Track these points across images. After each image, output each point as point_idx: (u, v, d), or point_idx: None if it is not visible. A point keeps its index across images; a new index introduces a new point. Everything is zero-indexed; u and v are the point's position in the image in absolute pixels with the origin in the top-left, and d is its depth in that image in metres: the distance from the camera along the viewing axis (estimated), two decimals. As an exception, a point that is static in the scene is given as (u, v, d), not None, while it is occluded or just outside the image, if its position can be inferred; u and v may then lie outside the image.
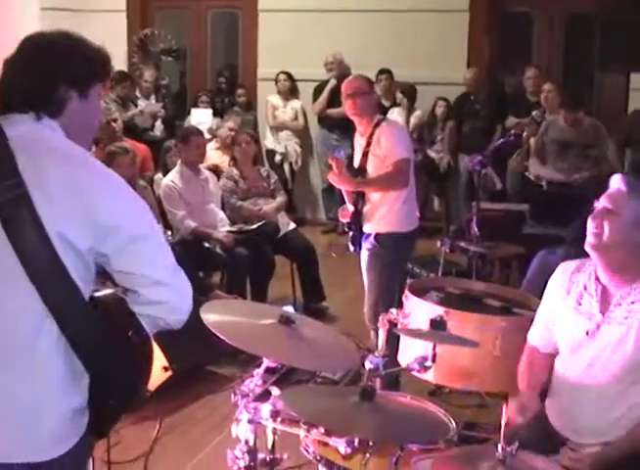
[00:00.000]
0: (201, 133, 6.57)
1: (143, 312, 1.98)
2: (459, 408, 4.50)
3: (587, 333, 2.80)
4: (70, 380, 1.94)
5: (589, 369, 2.78)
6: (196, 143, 6.28)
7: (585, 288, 2.86)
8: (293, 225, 6.78)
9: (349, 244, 4.90)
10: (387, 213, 4.71)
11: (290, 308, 4.24)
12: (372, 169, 4.74)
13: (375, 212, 4.73)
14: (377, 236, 4.72)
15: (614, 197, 2.74)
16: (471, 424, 4.39)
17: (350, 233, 4.86)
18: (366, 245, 4.78)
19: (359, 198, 4.79)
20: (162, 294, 1.99)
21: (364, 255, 4.84)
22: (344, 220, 4.91)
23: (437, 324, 2.65)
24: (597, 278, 2.84)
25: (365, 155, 4.76)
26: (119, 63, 9.50)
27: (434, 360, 2.66)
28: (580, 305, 2.85)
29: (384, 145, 4.66)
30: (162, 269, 1.99)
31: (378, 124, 4.75)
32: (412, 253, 5.09)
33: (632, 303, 2.73)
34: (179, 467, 4.03)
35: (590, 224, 2.77)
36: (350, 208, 4.83)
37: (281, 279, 6.75)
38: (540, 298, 3.09)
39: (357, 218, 4.78)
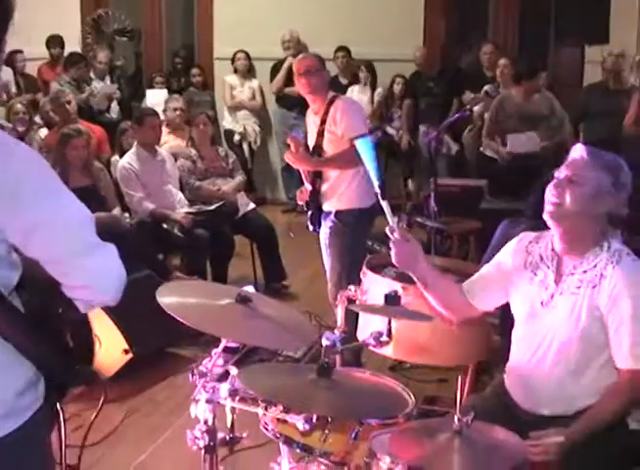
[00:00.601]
0: (156, 114, 6.51)
1: (71, 296, 1.94)
2: (420, 383, 4.53)
3: (542, 303, 2.82)
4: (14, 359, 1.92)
5: (546, 340, 2.81)
6: (151, 124, 6.24)
7: (541, 258, 2.88)
8: (252, 205, 6.76)
9: (309, 223, 4.89)
10: (346, 190, 4.70)
11: (250, 288, 4.25)
12: (328, 147, 4.72)
13: (334, 190, 4.73)
14: (337, 213, 4.72)
15: (576, 166, 2.74)
16: (431, 398, 4.43)
17: (309, 212, 4.86)
18: (327, 223, 4.77)
19: (317, 177, 4.77)
20: (82, 278, 1.94)
21: (324, 234, 4.84)
22: (305, 200, 4.88)
23: (391, 299, 2.65)
24: (553, 249, 2.86)
25: (321, 133, 4.74)
26: (73, 44, 9.40)
27: (389, 335, 2.67)
28: (536, 275, 2.87)
29: (340, 121, 4.64)
30: (77, 253, 1.92)
31: (332, 102, 4.73)
32: (372, 228, 5.09)
33: (584, 272, 2.75)
34: (141, 449, 4.02)
35: (550, 193, 2.77)
36: (309, 187, 4.81)
37: (241, 259, 6.75)
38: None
39: (316, 197, 4.78)
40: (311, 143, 4.82)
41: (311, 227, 4.87)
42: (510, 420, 2.61)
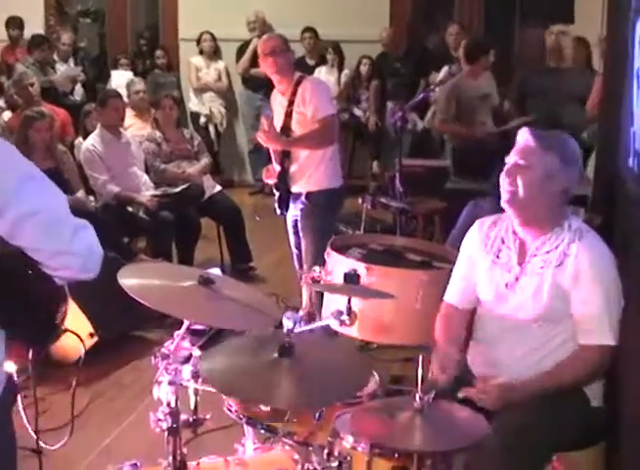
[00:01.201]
0: (119, 96, 6.46)
1: (53, 274, 1.97)
2: (387, 363, 4.54)
3: (507, 285, 2.84)
4: None
5: (510, 320, 2.83)
6: (114, 105, 6.18)
7: (503, 241, 2.89)
8: (218, 188, 6.73)
9: (276, 206, 4.86)
10: (315, 171, 4.69)
11: (216, 271, 4.24)
12: (297, 128, 4.70)
13: (303, 172, 4.71)
14: (308, 195, 4.70)
15: (524, 151, 2.76)
16: (398, 378, 4.45)
17: (277, 195, 4.83)
18: (297, 206, 4.75)
19: (285, 157, 4.75)
20: (65, 261, 1.97)
21: (292, 217, 4.82)
22: (271, 182, 4.86)
23: (351, 278, 2.66)
24: (514, 231, 2.88)
25: (289, 114, 4.71)
26: (37, 26, 9.27)
27: (349, 314, 2.68)
28: (499, 258, 2.88)
29: (309, 102, 4.63)
30: (60, 240, 1.95)
31: (299, 82, 4.71)
32: (341, 209, 5.09)
33: (547, 252, 2.77)
34: (107, 433, 4.01)
35: (504, 181, 2.80)
36: (277, 167, 4.79)
37: (208, 242, 6.73)
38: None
39: (284, 178, 4.75)
40: (278, 124, 4.79)
41: (279, 210, 4.84)
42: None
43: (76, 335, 4.34)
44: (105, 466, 2.75)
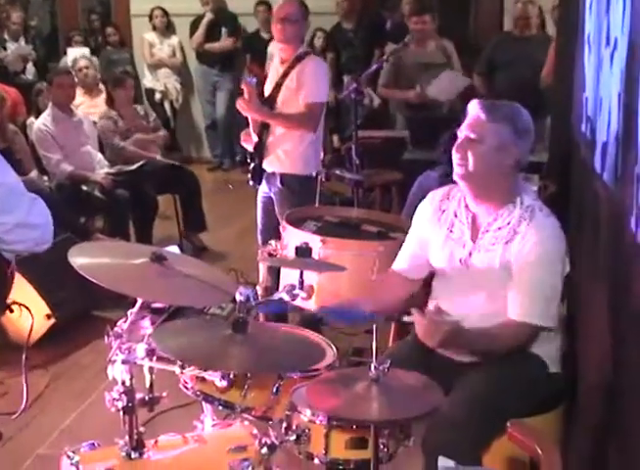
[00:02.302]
0: (66, 73, 6.38)
1: (9, 250, 1.96)
2: (348, 336, 4.54)
3: (461, 261, 2.82)
4: None
5: (465, 295, 2.82)
6: (58, 82, 6.09)
7: (456, 215, 2.87)
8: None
9: (249, 177, 4.74)
10: (291, 151, 4.55)
11: (174, 248, 4.20)
12: (281, 101, 4.56)
13: (279, 147, 4.57)
14: (282, 179, 4.57)
15: (474, 125, 2.73)
16: (359, 350, 4.45)
17: (252, 165, 4.71)
18: (271, 187, 4.62)
19: (264, 128, 4.63)
20: (23, 234, 1.98)
21: (262, 193, 4.69)
22: (249, 148, 4.70)
23: (302, 251, 2.64)
24: (467, 205, 2.86)
25: (278, 86, 4.57)
26: (-14, 6, 9.10)
27: (302, 288, 2.66)
28: (452, 232, 2.86)
29: (303, 82, 4.47)
30: (18, 213, 1.95)
31: (301, 58, 4.55)
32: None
33: (499, 228, 2.75)
34: (66, 414, 3.99)
35: (455, 156, 2.77)
36: (254, 138, 4.65)
37: (167, 220, 6.69)
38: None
39: (260, 150, 4.64)
40: (267, 90, 4.65)
41: (251, 182, 4.71)
42: (429, 367, 2.62)
43: (25, 306, 4.35)
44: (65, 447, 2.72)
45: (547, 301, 2.71)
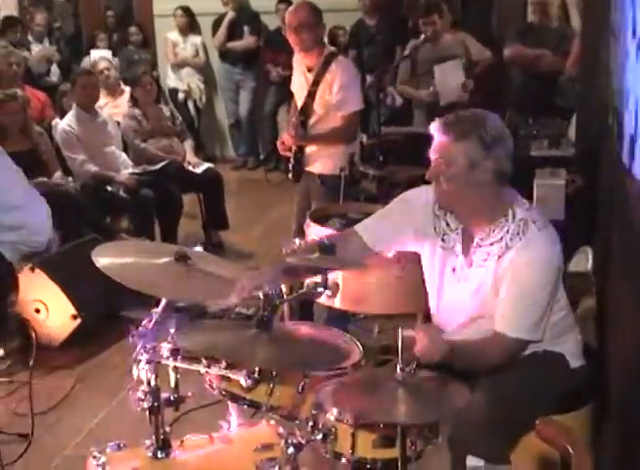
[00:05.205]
0: (89, 73, 6.41)
1: (5, 240, 1.95)
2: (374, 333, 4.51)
3: (454, 270, 2.75)
4: None
5: (457, 307, 2.75)
6: (81, 83, 6.12)
7: (447, 224, 2.77)
8: (206, 165, 6.67)
9: (289, 176, 4.71)
10: (332, 155, 4.54)
11: (199, 248, 4.19)
12: (319, 109, 4.51)
13: (319, 155, 4.57)
14: (322, 179, 4.54)
15: (440, 148, 2.59)
16: (387, 347, 4.42)
17: (290, 165, 4.66)
18: (312, 185, 4.60)
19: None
20: (18, 217, 1.98)
21: (303, 187, 4.68)
22: (288, 154, 4.66)
23: (326, 249, 2.60)
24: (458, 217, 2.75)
25: (311, 94, 4.50)
26: (10, 8, 9.13)
27: (325, 286, 2.62)
28: (444, 241, 2.77)
29: (337, 91, 4.42)
30: (14, 195, 1.96)
31: (329, 62, 4.47)
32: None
33: (491, 244, 2.65)
34: (93, 415, 3.99)
35: (433, 185, 2.65)
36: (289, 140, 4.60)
37: (192, 219, 6.69)
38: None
39: (299, 159, 4.57)
40: (299, 100, 4.59)
41: (291, 177, 4.69)
42: (451, 366, 2.57)
43: (42, 303, 4.36)
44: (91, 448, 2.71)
45: (535, 314, 2.60)
